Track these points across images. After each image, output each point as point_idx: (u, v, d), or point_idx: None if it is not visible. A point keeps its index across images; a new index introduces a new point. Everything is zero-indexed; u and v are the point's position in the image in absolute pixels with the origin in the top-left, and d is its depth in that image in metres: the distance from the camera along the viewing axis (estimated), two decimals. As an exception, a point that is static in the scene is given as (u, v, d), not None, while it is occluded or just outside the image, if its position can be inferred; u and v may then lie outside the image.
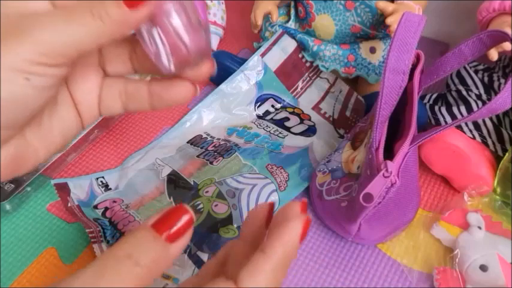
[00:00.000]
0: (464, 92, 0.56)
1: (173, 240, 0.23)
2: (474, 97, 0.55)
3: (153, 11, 0.24)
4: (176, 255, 0.24)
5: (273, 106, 0.63)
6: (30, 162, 0.26)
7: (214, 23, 0.74)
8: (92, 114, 0.29)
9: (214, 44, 0.75)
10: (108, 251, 0.23)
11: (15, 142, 0.25)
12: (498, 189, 0.50)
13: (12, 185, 0.54)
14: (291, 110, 0.63)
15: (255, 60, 0.62)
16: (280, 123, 0.61)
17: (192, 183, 0.53)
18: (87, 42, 0.23)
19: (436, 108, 0.56)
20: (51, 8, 0.24)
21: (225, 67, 0.64)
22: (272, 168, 0.54)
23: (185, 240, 0.24)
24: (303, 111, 0.63)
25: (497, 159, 0.52)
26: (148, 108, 0.30)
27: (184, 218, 0.24)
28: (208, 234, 0.49)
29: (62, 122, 0.28)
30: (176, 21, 0.25)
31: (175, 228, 0.23)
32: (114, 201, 0.54)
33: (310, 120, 0.62)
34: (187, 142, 0.59)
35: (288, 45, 0.63)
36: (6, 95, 0.22)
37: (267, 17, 0.66)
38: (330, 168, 0.52)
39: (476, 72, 0.58)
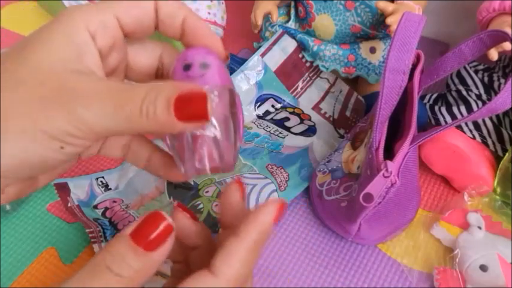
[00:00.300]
0: (464, 92, 0.56)
1: (153, 248, 0.23)
2: (474, 97, 0.55)
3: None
4: (159, 261, 0.24)
5: (273, 106, 0.63)
6: (30, 191, 0.27)
7: (214, 23, 0.74)
8: (90, 153, 0.30)
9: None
10: (92, 260, 0.23)
11: (23, 182, 0.26)
12: (498, 189, 0.50)
13: (12, 185, 0.54)
14: (291, 110, 0.63)
15: (255, 60, 0.62)
16: (280, 123, 0.61)
17: (192, 183, 0.53)
18: (123, 131, 0.23)
19: (436, 108, 0.56)
20: (103, 78, 0.24)
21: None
22: (272, 168, 0.54)
23: (167, 246, 0.24)
24: (303, 111, 0.63)
25: (497, 159, 0.52)
26: (142, 168, 0.31)
27: (162, 225, 0.24)
28: (208, 234, 0.49)
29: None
30: (217, 133, 0.25)
31: (153, 236, 0.23)
32: (114, 201, 0.54)
33: (310, 120, 0.62)
34: (188, 142, 0.59)
35: (288, 45, 0.63)
36: (36, 158, 0.22)
37: (267, 17, 0.66)
38: (330, 168, 0.52)
39: (476, 72, 0.58)
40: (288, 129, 0.60)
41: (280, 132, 0.59)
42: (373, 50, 0.61)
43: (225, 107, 0.25)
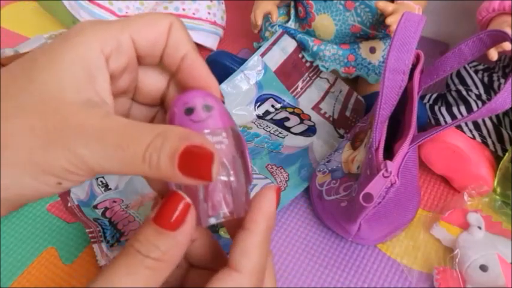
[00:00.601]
0: (464, 92, 0.56)
1: (175, 228, 0.23)
2: (474, 97, 0.55)
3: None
4: (185, 241, 0.24)
5: (273, 106, 0.63)
6: (20, 204, 0.26)
7: (214, 23, 0.74)
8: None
9: (214, 44, 0.75)
10: (122, 249, 0.23)
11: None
12: (498, 189, 0.50)
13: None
14: (291, 110, 0.63)
15: (255, 60, 0.62)
16: (280, 123, 0.61)
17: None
18: (123, 173, 0.22)
19: (436, 108, 0.56)
20: (110, 113, 0.23)
21: (225, 67, 0.64)
22: (272, 168, 0.54)
23: (188, 225, 0.24)
24: (303, 111, 0.63)
25: (497, 159, 0.52)
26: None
27: (181, 205, 0.24)
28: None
29: None
30: (229, 177, 0.24)
31: (174, 217, 0.23)
32: (114, 201, 0.54)
33: (310, 120, 0.62)
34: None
35: (288, 45, 0.63)
36: (30, 191, 0.22)
37: (267, 17, 0.66)
38: (329, 168, 0.52)
39: (476, 72, 0.58)
40: (287, 129, 0.60)
41: (280, 132, 0.59)
42: (373, 50, 0.61)
43: (233, 147, 0.25)
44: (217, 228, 0.49)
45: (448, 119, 0.54)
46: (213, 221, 0.25)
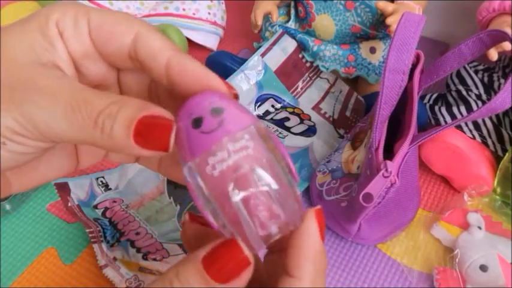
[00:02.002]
0: (464, 92, 0.56)
1: (225, 281, 0.20)
2: (474, 97, 0.55)
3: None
4: None
5: (273, 106, 0.63)
6: (4, 193, 0.24)
7: (214, 23, 0.74)
8: (95, 158, 0.27)
9: (214, 44, 0.75)
10: (160, 280, 0.21)
11: None
12: (498, 189, 0.50)
13: (12, 185, 0.54)
14: (291, 110, 0.63)
15: (255, 60, 0.62)
16: (280, 123, 0.61)
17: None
18: (74, 139, 0.20)
19: (436, 108, 0.56)
20: (68, 77, 0.21)
21: (225, 67, 0.64)
22: (272, 168, 0.54)
23: (242, 281, 0.20)
24: (303, 111, 0.63)
25: (497, 159, 0.52)
26: (156, 170, 0.27)
27: (239, 257, 0.20)
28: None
29: (50, 165, 0.25)
30: (269, 184, 0.20)
31: (228, 267, 0.20)
32: (114, 201, 0.54)
33: (310, 120, 0.62)
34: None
35: (288, 45, 0.63)
36: None
37: (267, 17, 0.66)
38: (330, 169, 0.52)
39: (476, 72, 0.58)
40: (288, 129, 0.60)
41: (280, 133, 0.59)
42: (373, 50, 0.61)
43: (262, 148, 0.20)
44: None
45: (448, 119, 0.54)
46: (266, 241, 0.21)
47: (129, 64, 0.23)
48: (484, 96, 0.55)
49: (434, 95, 0.59)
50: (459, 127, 0.52)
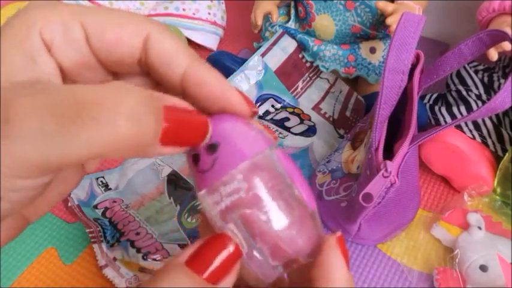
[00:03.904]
0: (464, 92, 0.56)
1: (216, 279, 0.18)
2: (474, 97, 0.55)
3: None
4: None
5: (273, 106, 0.63)
6: (22, 227, 0.21)
7: (214, 23, 0.74)
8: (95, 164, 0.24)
9: (214, 44, 0.75)
10: None
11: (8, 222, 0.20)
12: (498, 189, 0.50)
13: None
14: (291, 110, 0.63)
15: (255, 60, 0.62)
16: (280, 123, 0.61)
17: (192, 183, 0.53)
18: (79, 158, 0.16)
19: (436, 108, 0.56)
20: (47, 86, 0.17)
21: (225, 67, 0.64)
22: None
23: (232, 277, 0.19)
24: (303, 111, 0.63)
25: (497, 159, 0.52)
26: None
27: (227, 251, 0.18)
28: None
29: (59, 185, 0.21)
30: (274, 226, 0.18)
31: (216, 265, 0.18)
32: (114, 201, 0.54)
33: (310, 120, 0.62)
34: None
35: (288, 45, 0.63)
36: None
37: (267, 17, 0.66)
38: (329, 169, 0.52)
39: (476, 72, 0.58)
40: (288, 129, 0.60)
41: (280, 133, 0.59)
42: (373, 50, 0.61)
43: (260, 185, 0.18)
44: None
45: (448, 119, 0.54)
46: (278, 271, 0.19)
47: (136, 70, 0.20)
48: (484, 96, 0.55)
49: (434, 95, 0.59)
50: (459, 127, 0.52)
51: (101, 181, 0.56)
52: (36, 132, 0.15)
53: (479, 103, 0.54)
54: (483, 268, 0.44)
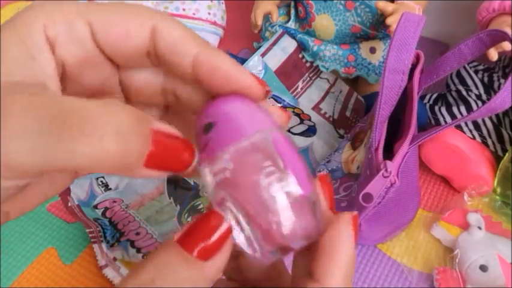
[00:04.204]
0: (464, 92, 0.56)
1: (206, 256, 0.18)
2: (474, 97, 0.55)
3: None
4: (213, 277, 0.18)
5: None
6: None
7: (214, 23, 0.74)
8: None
9: (214, 44, 0.75)
10: (134, 273, 0.19)
11: None
12: (498, 189, 0.50)
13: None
14: (291, 110, 0.63)
15: (255, 60, 0.62)
16: (280, 123, 0.61)
17: (192, 183, 0.53)
18: (66, 166, 0.16)
19: (436, 108, 0.56)
20: (43, 92, 0.17)
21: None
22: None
23: (223, 256, 0.18)
24: (303, 111, 0.63)
25: (497, 159, 0.52)
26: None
27: (217, 228, 0.18)
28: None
29: (44, 184, 0.21)
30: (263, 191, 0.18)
31: (206, 242, 0.18)
32: (114, 201, 0.54)
33: (310, 120, 0.62)
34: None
35: (288, 45, 0.63)
36: None
37: (267, 17, 0.66)
38: (329, 169, 0.52)
39: (476, 72, 0.58)
40: (288, 129, 0.60)
41: (280, 132, 0.59)
42: (373, 50, 0.61)
43: (258, 159, 0.18)
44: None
45: (448, 119, 0.54)
46: (275, 254, 0.19)
47: (145, 62, 0.20)
48: (484, 96, 0.55)
49: (434, 95, 0.59)
50: (459, 127, 0.52)
51: (101, 181, 0.56)
52: (22, 134, 0.15)
53: (479, 103, 0.54)
54: (483, 268, 0.44)
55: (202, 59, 0.19)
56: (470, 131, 0.52)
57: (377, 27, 0.61)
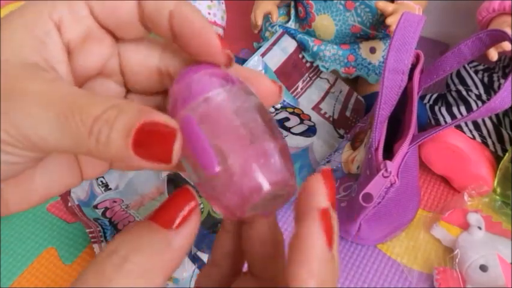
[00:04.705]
0: (464, 92, 0.56)
1: (172, 225, 0.19)
2: (474, 97, 0.55)
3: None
4: (182, 247, 0.19)
5: (273, 106, 0.63)
6: None
7: (214, 23, 0.74)
8: (100, 169, 0.24)
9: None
10: (101, 253, 0.19)
11: None
12: (498, 189, 0.50)
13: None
14: (291, 110, 0.63)
15: (255, 60, 0.62)
16: (280, 123, 0.61)
17: (192, 183, 0.53)
18: (67, 149, 0.18)
19: (436, 108, 0.56)
20: (59, 79, 0.20)
21: (225, 67, 0.64)
22: (272, 168, 0.54)
23: (191, 225, 0.19)
24: (303, 112, 0.63)
25: (497, 159, 0.52)
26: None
27: (190, 205, 0.19)
28: (208, 234, 0.49)
29: (47, 178, 0.22)
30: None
31: (179, 217, 0.19)
32: (114, 201, 0.54)
33: (310, 120, 0.62)
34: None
35: (288, 45, 0.63)
36: None
37: (267, 17, 0.66)
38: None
39: (476, 72, 0.58)
40: (288, 129, 0.60)
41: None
42: (373, 50, 0.61)
43: (211, 118, 0.19)
44: (217, 229, 0.49)
45: (448, 119, 0.54)
46: (255, 203, 0.19)
47: (141, 31, 0.22)
48: (484, 96, 0.55)
49: (434, 95, 0.59)
50: (459, 127, 0.52)
51: (101, 181, 0.56)
52: (41, 119, 0.18)
53: (479, 103, 0.54)
54: (483, 268, 0.44)
55: (175, 12, 0.20)
56: (470, 131, 0.52)
57: (377, 27, 0.61)
